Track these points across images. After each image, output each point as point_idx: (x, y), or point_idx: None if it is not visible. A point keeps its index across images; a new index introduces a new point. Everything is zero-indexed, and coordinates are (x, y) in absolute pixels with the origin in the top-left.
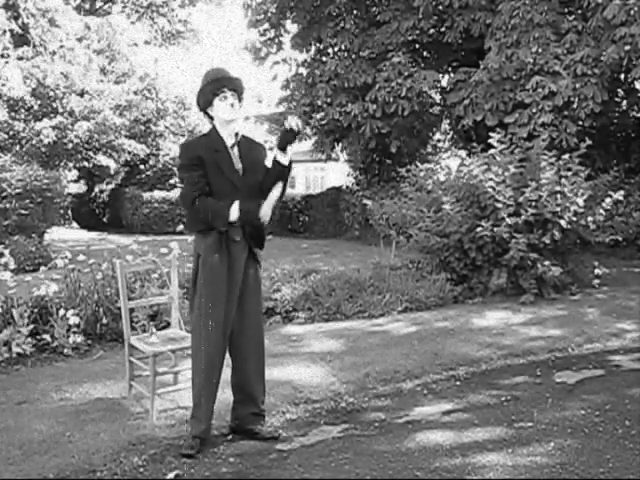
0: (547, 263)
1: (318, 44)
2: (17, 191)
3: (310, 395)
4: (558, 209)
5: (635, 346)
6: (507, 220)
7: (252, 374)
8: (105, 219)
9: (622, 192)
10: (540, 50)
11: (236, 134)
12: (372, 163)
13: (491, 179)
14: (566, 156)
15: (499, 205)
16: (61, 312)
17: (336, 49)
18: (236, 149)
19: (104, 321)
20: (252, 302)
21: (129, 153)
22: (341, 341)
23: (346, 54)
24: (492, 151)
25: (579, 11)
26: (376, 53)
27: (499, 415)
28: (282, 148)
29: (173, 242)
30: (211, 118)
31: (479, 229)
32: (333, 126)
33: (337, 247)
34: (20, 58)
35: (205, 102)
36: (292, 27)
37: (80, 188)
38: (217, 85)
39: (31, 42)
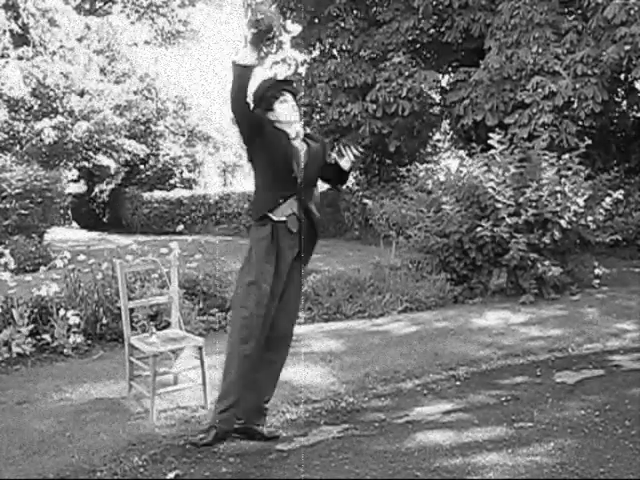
0: (547, 263)
1: (318, 44)
2: (17, 191)
3: (310, 395)
4: (558, 209)
5: (635, 346)
6: (507, 220)
7: (269, 368)
8: (105, 219)
9: (622, 192)
10: (540, 50)
11: (297, 133)
12: (372, 163)
13: (491, 179)
14: (566, 156)
15: (499, 205)
16: (61, 312)
17: (336, 49)
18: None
19: (104, 321)
20: (293, 299)
21: (129, 153)
22: (341, 341)
23: (346, 54)
24: (492, 151)
25: (579, 11)
26: (376, 53)
27: (499, 415)
28: (254, 44)
29: (173, 242)
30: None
31: (479, 229)
32: (333, 126)
33: (337, 247)
34: (20, 58)
35: (267, 106)
36: (292, 27)
37: (80, 188)
38: (277, 88)
39: (31, 42)
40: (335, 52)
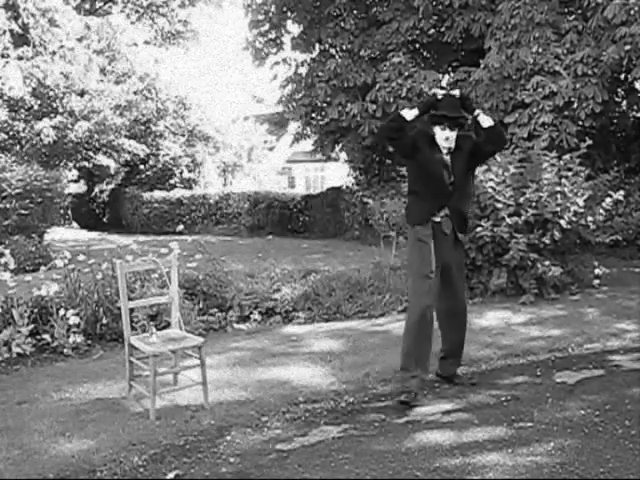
0: (547, 263)
1: (318, 44)
2: (17, 191)
3: (310, 395)
4: (558, 209)
5: (635, 346)
6: (507, 220)
7: (456, 342)
8: (105, 219)
9: (622, 192)
10: (540, 50)
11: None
12: (372, 163)
13: (491, 179)
14: (566, 156)
15: (499, 205)
16: (61, 312)
17: (336, 49)
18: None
19: (104, 321)
20: (458, 277)
21: (129, 153)
22: (341, 341)
23: (346, 54)
24: None
25: (579, 11)
26: (376, 53)
27: (499, 415)
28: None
29: (173, 242)
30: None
31: (479, 229)
32: (333, 126)
33: (337, 247)
34: (20, 58)
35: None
36: (293, 27)
37: (80, 188)
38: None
39: (31, 42)
40: (335, 52)
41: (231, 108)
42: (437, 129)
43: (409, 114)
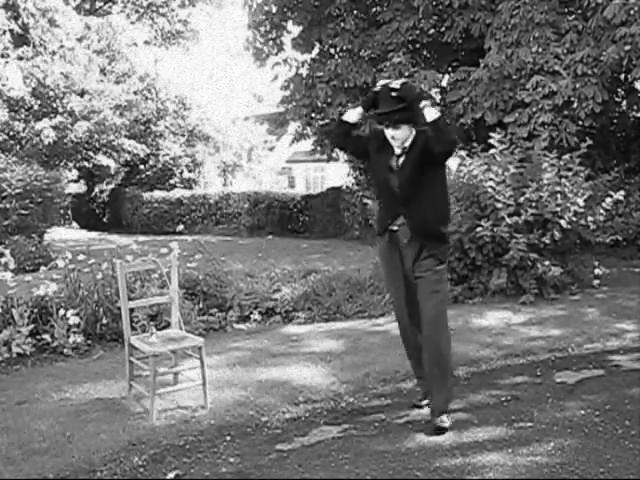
0: (547, 263)
1: (319, 44)
2: (17, 191)
3: (310, 395)
4: (558, 209)
5: (635, 346)
6: (507, 220)
7: (428, 375)
8: (105, 219)
9: (622, 192)
10: (540, 50)
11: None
12: None
13: (491, 179)
14: (566, 156)
15: (499, 205)
16: (61, 312)
17: (336, 49)
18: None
19: (104, 321)
20: (426, 297)
21: (129, 153)
22: (341, 341)
23: (346, 54)
24: (492, 151)
25: (579, 11)
26: (376, 53)
27: (499, 415)
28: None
29: (173, 242)
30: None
31: (479, 229)
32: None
33: (337, 247)
34: (20, 58)
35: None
36: (293, 28)
37: (80, 188)
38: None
39: (31, 42)
40: (335, 52)
41: (231, 108)
42: (385, 128)
43: (353, 115)
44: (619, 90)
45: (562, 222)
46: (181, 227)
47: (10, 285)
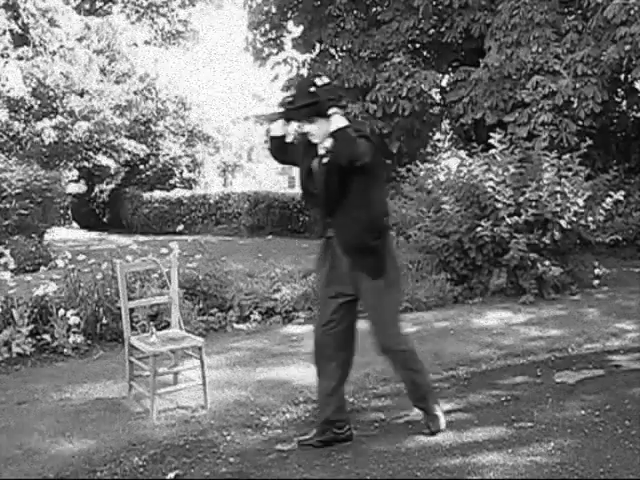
0: (547, 263)
1: (319, 45)
2: (17, 191)
3: (310, 395)
4: (558, 209)
5: (635, 346)
6: (507, 220)
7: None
8: (105, 219)
9: (622, 192)
10: (540, 50)
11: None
12: None
13: (491, 179)
14: (566, 156)
15: (499, 205)
16: (61, 312)
17: (336, 49)
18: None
19: (104, 321)
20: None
21: (129, 153)
22: None
23: (347, 54)
24: (492, 151)
25: (579, 11)
26: (376, 53)
27: (499, 415)
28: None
29: (173, 242)
30: None
31: (479, 229)
32: None
33: None
34: (20, 58)
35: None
36: (293, 28)
37: (80, 188)
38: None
39: (31, 42)
40: (335, 52)
41: (231, 108)
42: (301, 125)
43: (276, 128)
44: (619, 90)
45: (562, 222)
46: (181, 227)
47: (10, 285)
